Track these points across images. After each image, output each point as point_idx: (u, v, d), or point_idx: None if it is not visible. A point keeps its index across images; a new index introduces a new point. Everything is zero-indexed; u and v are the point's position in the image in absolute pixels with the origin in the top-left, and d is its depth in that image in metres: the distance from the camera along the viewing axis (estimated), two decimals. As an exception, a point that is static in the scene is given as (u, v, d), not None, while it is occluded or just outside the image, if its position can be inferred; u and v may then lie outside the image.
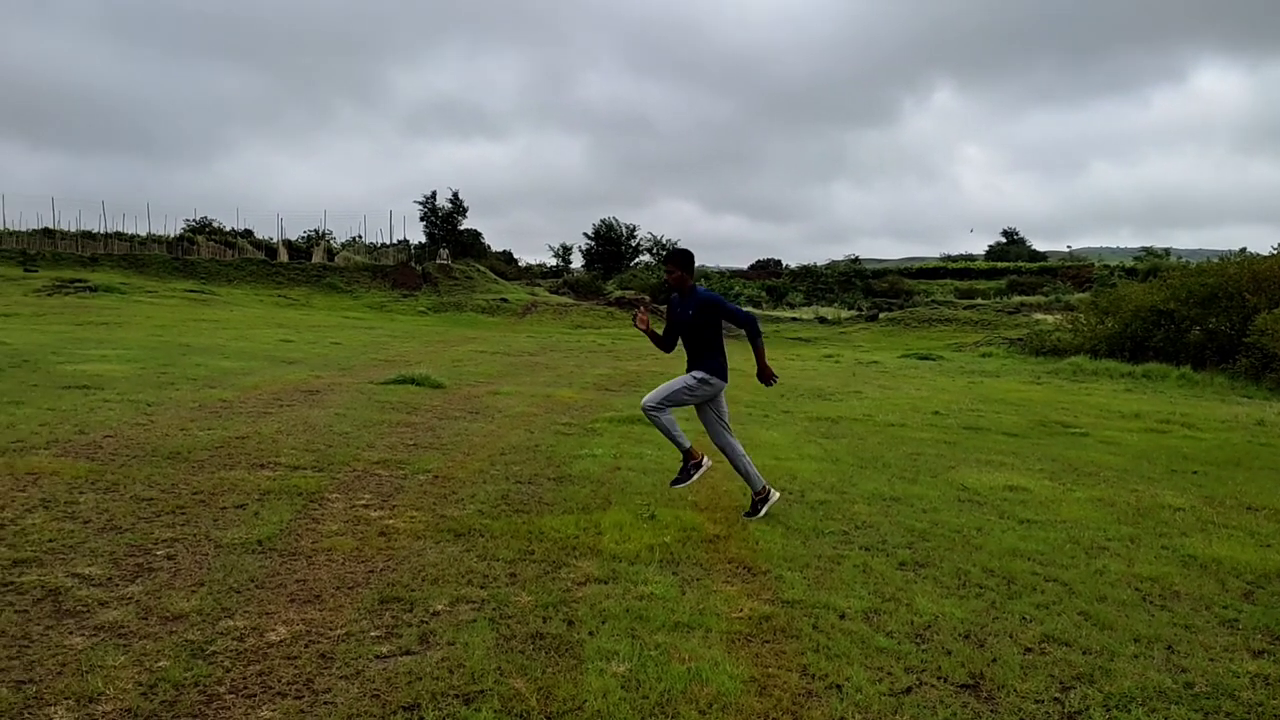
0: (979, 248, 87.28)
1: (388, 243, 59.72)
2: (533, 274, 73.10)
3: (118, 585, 4.05)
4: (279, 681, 3.20)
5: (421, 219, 72.19)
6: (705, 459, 6.11)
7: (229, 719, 2.93)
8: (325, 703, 3.05)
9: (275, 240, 57.37)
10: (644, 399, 5.91)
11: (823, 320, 43.08)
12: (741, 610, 4.07)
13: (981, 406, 13.08)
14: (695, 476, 6.06)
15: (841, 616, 4.06)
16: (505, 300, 44.11)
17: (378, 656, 3.43)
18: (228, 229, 61.16)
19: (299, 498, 5.74)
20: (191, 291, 38.29)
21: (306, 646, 3.50)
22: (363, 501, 5.77)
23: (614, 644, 3.60)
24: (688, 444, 6.01)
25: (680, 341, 6.13)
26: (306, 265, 48.65)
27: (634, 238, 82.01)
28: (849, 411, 11.86)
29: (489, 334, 30.45)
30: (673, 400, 5.86)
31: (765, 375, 6.12)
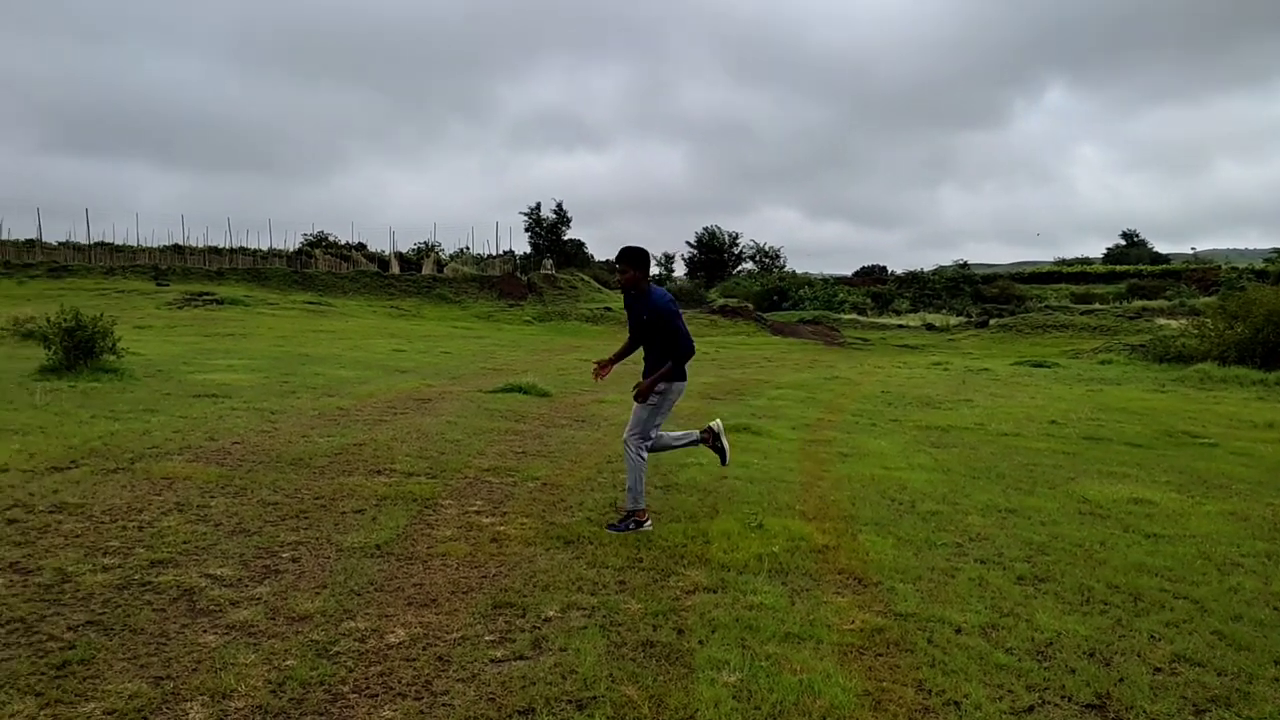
0: (1096, 250, 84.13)
1: (494, 253, 60.90)
2: (635, 283, 73.30)
3: (247, 586, 4.24)
4: (399, 682, 3.29)
5: (526, 230, 73.50)
6: (712, 424, 6.06)
7: (353, 718, 3.03)
8: (444, 704, 3.13)
9: (388, 253, 59.09)
10: (624, 434, 5.71)
11: (930, 327, 42.15)
12: (853, 622, 4.02)
13: (1102, 416, 12.59)
14: (725, 443, 6.06)
15: (958, 631, 3.96)
16: (609, 309, 44.46)
17: (492, 661, 3.50)
18: (343, 242, 63.30)
19: (414, 503, 5.90)
20: (310, 303, 39.74)
21: (424, 649, 3.60)
22: (475, 508, 5.89)
23: (724, 653, 3.59)
24: (696, 435, 6.01)
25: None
26: (417, 277, 49.98)
27: (736, 245, 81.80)
28: (959, 420, 11.57)
29: (593, 343, 30.74)
30: (649, 426, 5.62)
31: (643, 388, 5.57)
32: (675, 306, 5.65)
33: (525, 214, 73.39)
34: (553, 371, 17.00)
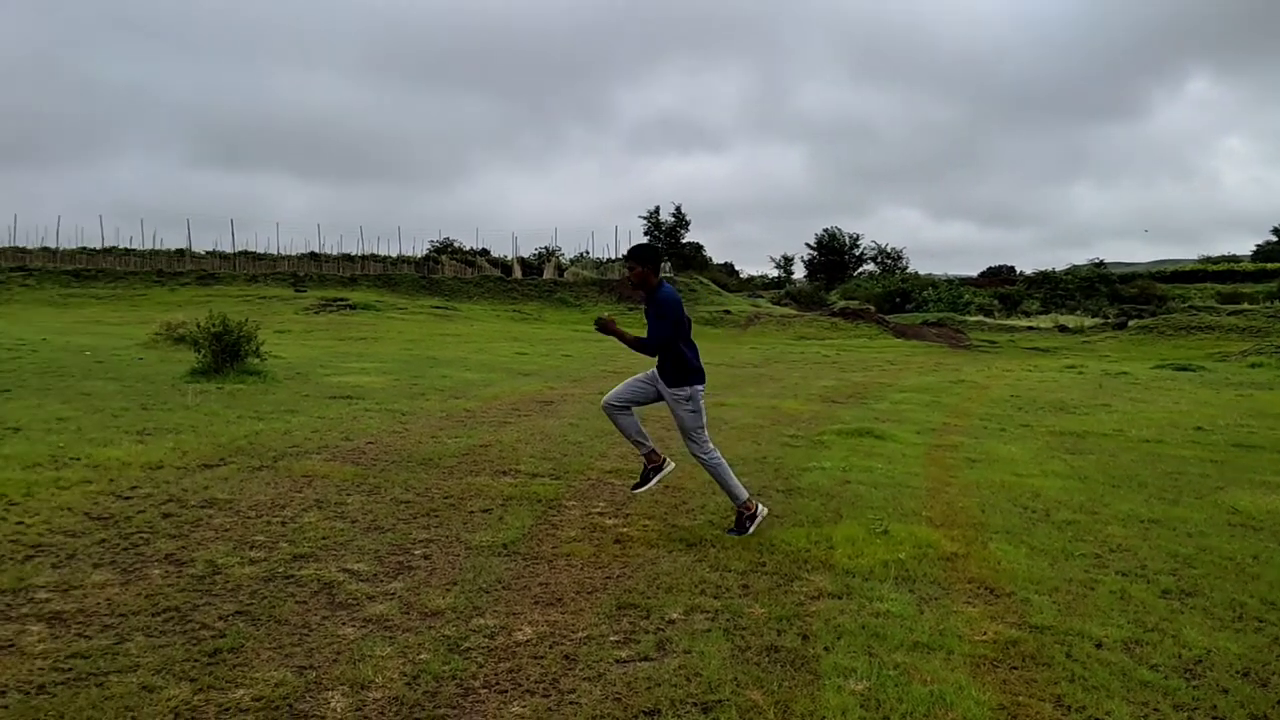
0: (1244, 248, 79.40)
1: (613, 257, 61.49)
2: (754, 285, 73.14)
3: (382, 581, 4.39)
4: (527, 679, 3.36)
5: (645, 233, 73.96)
6: (759, 510, 5.52)
7: (484, 713, 3.11)
8: (571, 703, 3.18)
9: (510, 258, 60.41)
10: (689, 451, 5.61)
11: (1063, 329, 40.55)
12: (985, 633, 3.90)
13: (1253, 422, 11.87)
14: (752, 529, 5.40)
15: (1098, 646, 3.80)
16: (728, 312, 44.36)
17: (618, 661, 3.54)
18: (468, 248, 65.00)
19: (539, 504, 6.01)
20: (437, 308, 40.96)
21: (551, 647, 3.66)
22: (598, 509, 5.96)
23: (851, 661, 3.53)
24: (744, 495, 5.53)
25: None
26: (539, 281, 50.91)
27: (857, 247, 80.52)
28: (1096, 426, 11.09)
29: (712, 346, 30.72)
30: (697, 427, 5.55)
31: (608, 325, 5.63)
32: (671, 301, 5.53)
33: (644, 218, 74.00)
34: (672, 374, 17.05)
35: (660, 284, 5.59)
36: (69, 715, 2.96)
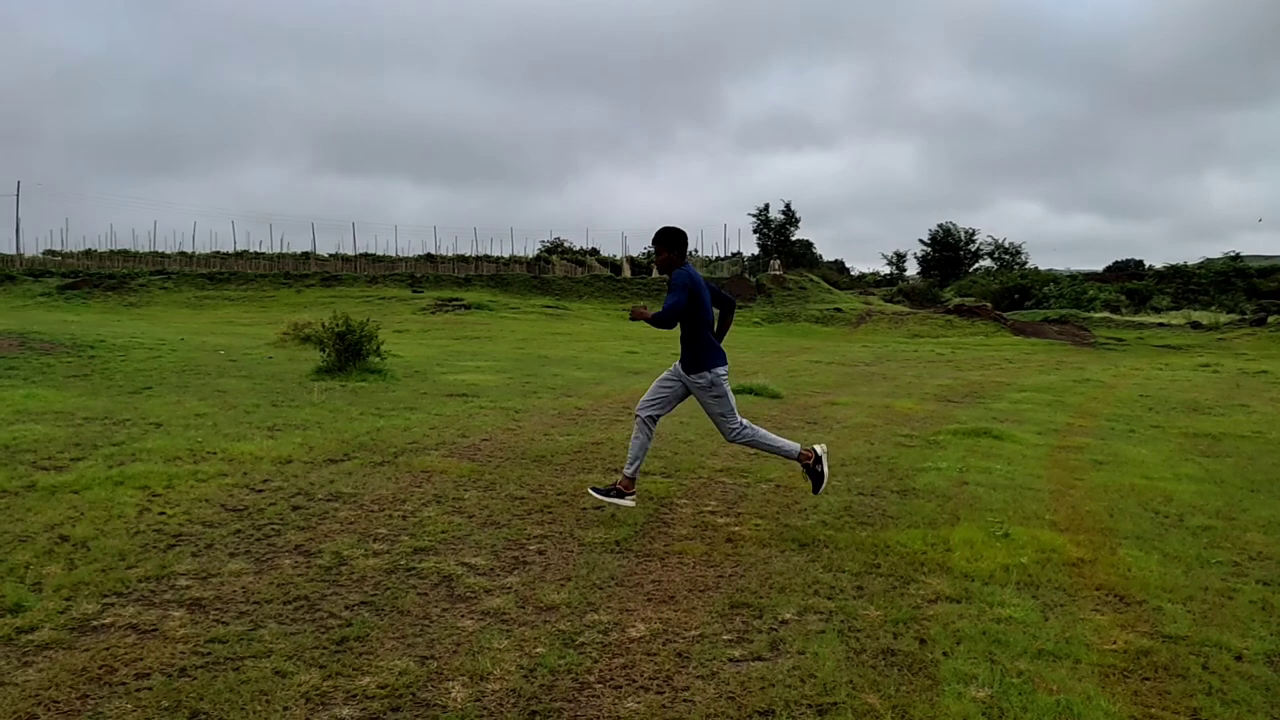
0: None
1: (722, 256, 61.35)
2: (865, 283, 71.90)
3: (499, 575, 4.49)
4: (641, 676, 3.38)
5: (754, 231, 73.64)
6: (817, 449, 5.68)
7: (599, 707, 3.14)
8: (684, 700, 3.19)
9: (619, 257, 60.84)
10: (730, 435, 5.67)
11: (1196, 325, 38.60)
12: (1115, 642, 3.75)
13: None
14: (825, 469, 5.64)
15: (1238, 658, 3.61)
16: (839, 310, 43.73)
17: (731, 660, 3.53)
18: (577, 248, 65.81)
19: (650, 502, 6.04)
20: (547, 307, 41.59)
21: (664, 644, 3.68)
22: (709, 508, 5.96)
23: (971, 667, 3.45)
24: (796, 449, 5.67)
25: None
26: (648, 280, 51.12)
27: (973, 242, 78.31)
28: (1234, 428, 10.52)
29: (823, 344, 30.34)
30: (725, 413, 5.59)
31: (639, 312, 5.58)
32: (683, 275, 5.47)
33: (753, 215, 73.63)
34: (783, 373, 16.92)
35: (683, 268, 5.57)
36: (208, 698, 3.12)
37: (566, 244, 67.21)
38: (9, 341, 15.38)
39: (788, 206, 73.56)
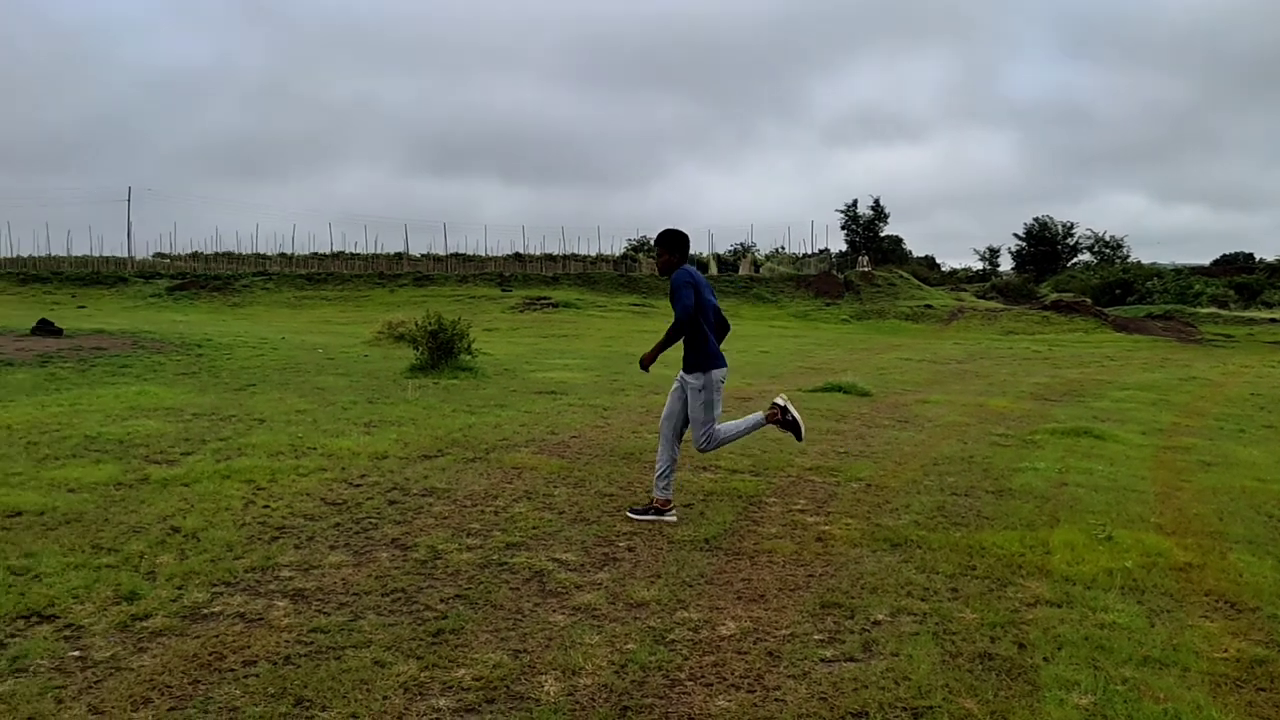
0: None
1: (809, 252, 60.71)
2: (957, 279, 70.32)
3: (589, 571, 4.53)
4: (732, 674, 3.38)
5: (842, 227, 72.64)
6: (778, 399, 5.77)
7: (690, 704, 3.15)
8: (776, 700, 3.17)
9: (705, 255, 60.69)
10: (696, 445, 5.64)
11: (1313, 320, 36.72)
12: (1226, 650, 3.60)
13: None
14: (795, 415, 5.69)
15: (1361, 671, 3.43)
16: (929, 306, 42.88)
17: (823, 660, 3.50)
18: (663, 246, 65.70)
19: (739, 500, 6.02)
20: (634, 305, 41.75)
21: (755, 643, 3.67)
22: (798, 507, 5.92)
23: (1073, 673, 3.35)
24: (760, 416, 5.75)
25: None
26: (734, 277, 50.94)
27: (1071, 236, 75.89)
28: (1355, 428, 9.99)
29: (913, 341, 29.78)
30: (705, 421, 5.54)
31: (645, 359, 5.78)
32: (688, 279, 5.52)
33: (841, 211, 72.63)
34: (872, 370, 16.67)
35: (683, 269, 5.62)
36: (312, 686, 3.22)
37: (653, 242, 67.24)
38: (123, 341, 16.11)
39: (876, 202, 72.43)
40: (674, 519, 5.50)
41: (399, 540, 4.97)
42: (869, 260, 55.47)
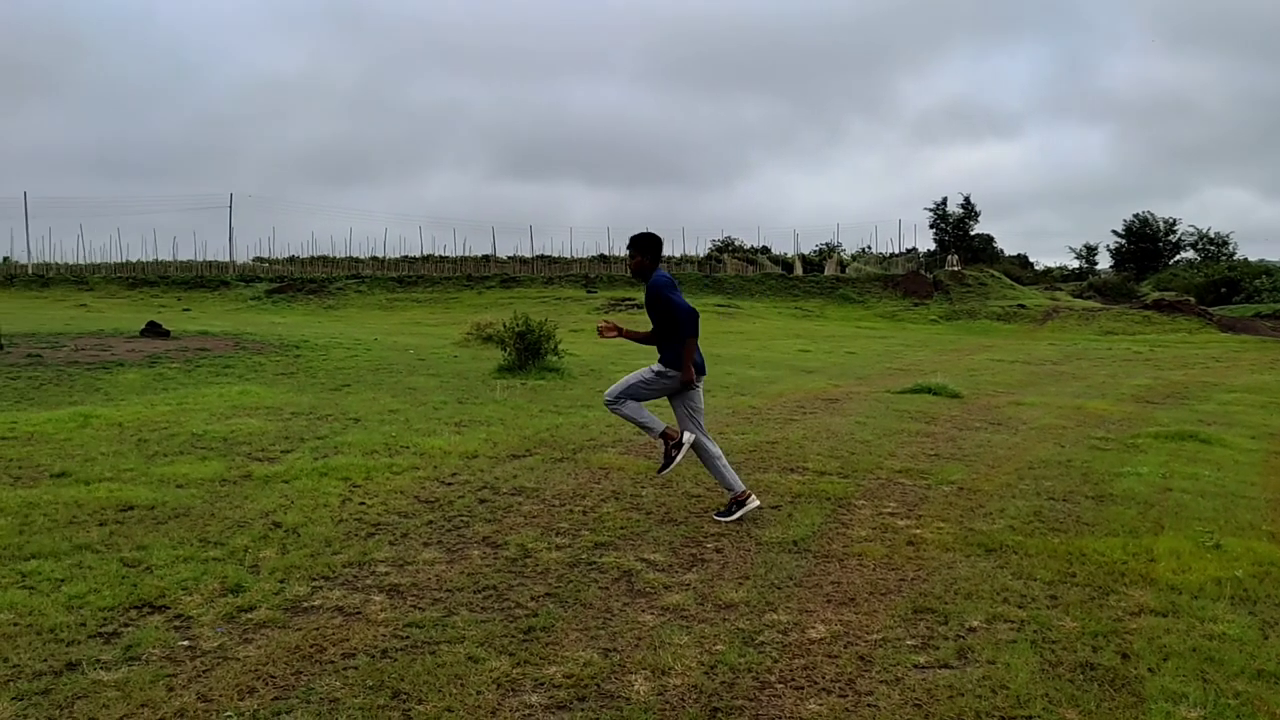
0: None
1: (896, 252, 59.71)
2: (1051, 278, 68.38)
3: (677, 572, 4.54)
4: (822, 678, 3.35)
5: (931, 226, 71.29)
6: (686, 434, 5.60)
7: (780, 707, 3.13)
8: (868, 705, 3.13)
9: (790, 255, 60.22)
10: (606, 391, 5.71)
11: None
12: (1347, 667, 3.42)
13: None
14: (678, 458, 5.58)
15: None
16: (1022, 306, 41.77)
17: (916, 666, 3.44)
18: (748, 246, 65.52)
19: (827, 502, 5.96)
20: (719, 306, 41.60)
21: (845, 647, 3.63)
22: (888, 509, 5.83)
23: (1181, 685, 3.23)
24: (661, 426, 5.62)
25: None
26: (820, 277, 50.41)
27: (1173, 233, 73.13)
28: None
29: (1005, 342, 29.06)
30: (630, 394, 5.59)
31: (686, 377, 5.48)
32: (666, 286, 5.54)
33: (930, 209, 71.33)
34: (963, 371, 16.32)
35: (657, 272, 5.66)
36: (408, 679, 3.29)
37: (737, 243, 66.99)
38: (225, 342, 16.71)
39: (967, 200, 70.90)
40: (757, 503, 5.58)
41: (490, 538, 5.05)
42: (959, 259, 54.32)
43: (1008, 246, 79.44)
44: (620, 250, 62.07)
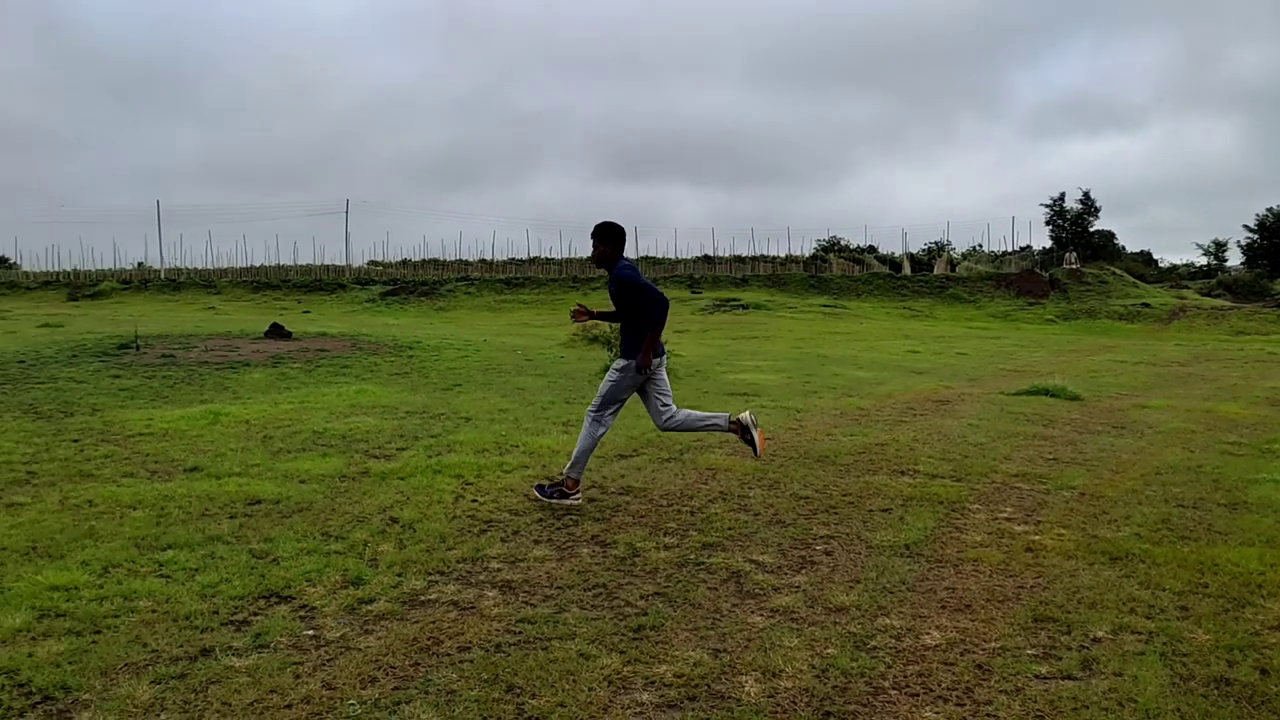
0: None
1: (1009, 250, 57.96)
2: (1177, 275, 65.30)
3: (786, 574, 4.50)
4: (938, 685, 3.27)
5: (1047, 223, 68.81)
6: (744, 415, 5.94)
7: (895, 714, 3.07)
8: (987, 715, 3.05)
9: (899, 254, 59.08)
10: (589, 407, 5.87)
11: None
12: None
13: None
14: (756, 435, 5.86)
15: None
16: (1146, 305, 40.05)
17: (1037, 676, 3.34)
18: (854, 246, 64.55)
19: (940, 506, 5.82)
20: (825, 306, 41.12)
21: (962, 654, 3.54)
22: (1004, 514, 5.66)
23: (1327, 706, 3.05)
24: (724, 418, 5.94)
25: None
26: (929, 277, 49.32)
27: (1312, 226, 68.89)
28: None
29: (1128, 342, 27.90)
30: (609, 399, 5.76)
31: (642, 364, 5.65)
32: (633, 272, 5.65)
33: (1046, 206, 68.77)
34: (1082, 373, 15.73)
35: (619, 262, 5.71)
36: (521, 674, 3.35)
37: (843, 242, 66.05)
38: (343, 343, 17.29)
39: (1086, 195, 68.14)
40: (578, 502, 5.72)
41: (598, 537, 5.10)
42: (1077, 257, 52.40)
43: (1129, 243, 76.35)
44: (724, 251, 61.99)
